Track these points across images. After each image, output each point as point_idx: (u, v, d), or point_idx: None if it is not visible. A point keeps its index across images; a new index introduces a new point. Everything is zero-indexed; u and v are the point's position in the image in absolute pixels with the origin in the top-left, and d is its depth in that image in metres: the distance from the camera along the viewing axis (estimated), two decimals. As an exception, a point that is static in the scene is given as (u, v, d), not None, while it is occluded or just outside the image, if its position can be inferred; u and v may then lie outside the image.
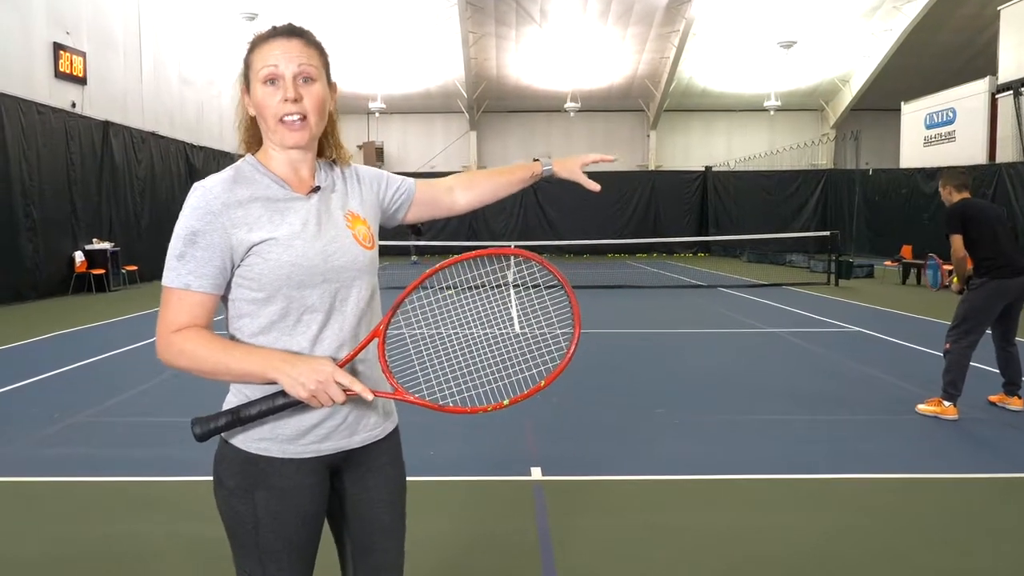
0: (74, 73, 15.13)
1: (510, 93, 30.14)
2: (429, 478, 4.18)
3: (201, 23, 20.90)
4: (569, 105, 28.96)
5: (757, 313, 11.29)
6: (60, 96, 14.74)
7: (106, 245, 15.38)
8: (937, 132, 22.34)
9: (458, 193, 1.88)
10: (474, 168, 30.59)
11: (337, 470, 1.63)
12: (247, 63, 1.56)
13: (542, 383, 1.62)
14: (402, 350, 1.98)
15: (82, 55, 15.41)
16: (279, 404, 1.46)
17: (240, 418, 1.47)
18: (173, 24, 19.45)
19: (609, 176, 29.45)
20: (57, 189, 14.28)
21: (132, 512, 3.81)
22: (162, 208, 17.82)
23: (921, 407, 5.50)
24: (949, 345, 5.43)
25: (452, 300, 2.04)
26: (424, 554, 3.21)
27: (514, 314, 1.99)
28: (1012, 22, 18.83)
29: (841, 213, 26.59)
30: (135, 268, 16.40)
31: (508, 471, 4.35)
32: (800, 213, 28.28)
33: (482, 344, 1.95)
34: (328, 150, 1.66)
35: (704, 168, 29.95)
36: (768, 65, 27.71)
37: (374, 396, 1.49)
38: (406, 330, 1.83)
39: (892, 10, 24.40)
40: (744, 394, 6.16)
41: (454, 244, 24.87)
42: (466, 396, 1.76)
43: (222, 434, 1.56)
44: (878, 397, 6.03)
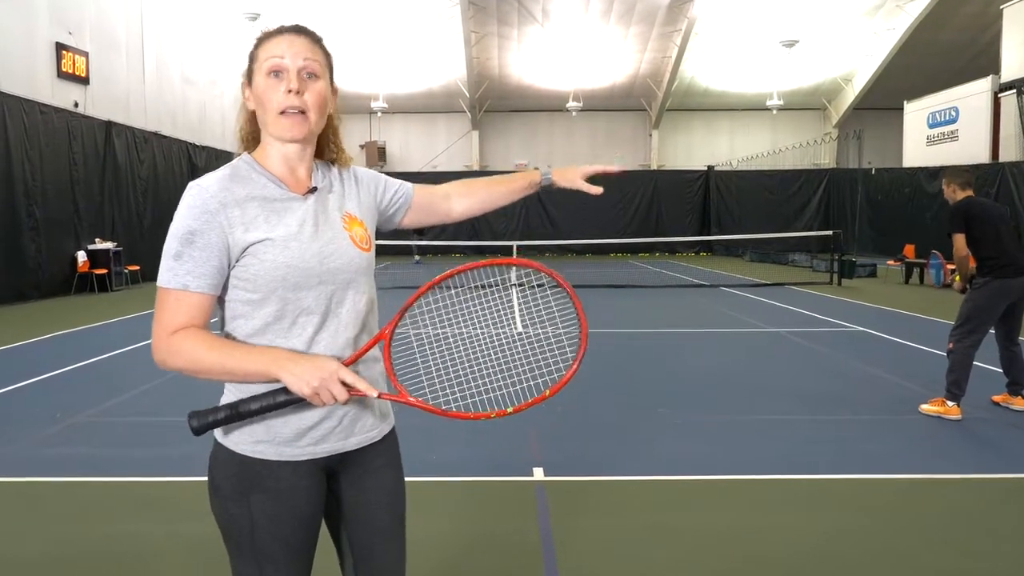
0: (76, 73, 15.15)
1: (512, 93, 30.12)
2: (431, 479, 4.17)
3: (203, 23, 20.92)
4: (571, 105, 28.94)
5: (759, 313, 11.27)
6: (63, 96, 14.75)
7: (108, 245, 15.40)
8: (940, 131, 22.29)
9: (455, 200, 1.87)
10: (476, 167, 30.60)
11: (333, 473, 1.62)
12: (252, 56, 1.55)
13: (547, 392, 1.60)
14: (405, 352, 1.97)
15: (84, 55, 15.42)
16: (280, 401, 1.44)
17: (239, 413, 1.44)
18: (175, 24, 19.46)
19: (610, 176, 29.36)
20: (60, 189, 14.29)
21: (133, 512, 3.81)
22: (164, 208, 17.82)
23: (924, 407, 5.48)
24: (952, 345, 5.42)
25: (456, 302, 2.02)
26: (426, 555, 3.21)
27: (518, 318, 1.98)
28: (1015, 21, 18.77)
29: (844, 212, 26.54)
30: (137, 268, 16.40)
31: (510, 472, 4.34)
32: (803, 212, 28.22)
33: (486, 348, 1.93)
34: (327, 152, 1.66)
35: (706, 167, 29.91)
36: (770, 64, 27.67)
37: (377, 396, 1.48)
38: (411, 331, 1.81)
39: (895, 9, 24.35)
40: (746, 394, 6.14)
41: (456, 244, 24.88)
42: (470, 402, 1.74)
43: (217, 438, 1.55)
44: (881, 397, 6.01)
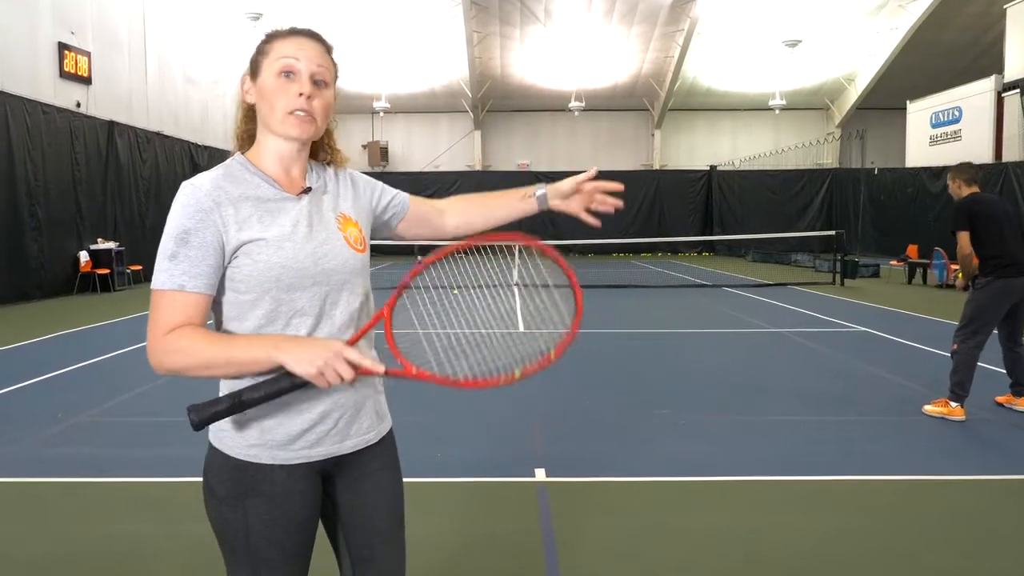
0: (79, 73, 15.16)
1: (514, 92, 30.11)
2: (433, 479, 4.17)
3: (206, 23, 20.93)
4: (573, 104, 28.93)
5: (762, 313, 11.25)
6: (65, 96, 14.77)
7: (111, 245, 15.41)
8: (943, 131, 22.25)
9: (448, 216, 1.84)
10: (478, 167, 30.61)
11: (329, 476, 1.60)
12: (261, 51, 1.54)
13: (552, 354, 1.58)
14: (408, 330, 1.90)
15: (87, 55, 15.43)
16: (284, 386, 1.41)
17: (242, 402, 1.41)
18: (178, 24, 19.48)
19: (613, 175, 29.23)
20: (62, 189, 14.30)
21: (133, 512, 3.80)
22: (167, 208, 16.81)
23: (928, 408, 5.46)
24: (957, 346, 5.39)
25: (455, 277, 1.96)
26: (427, 555, 3.20)
27: (517, 297, 1.94)
28: (1018, 21, 18.73)
29: (846, 212, 26.51)
30: (140, 268, 16.42)
31: (512, 472, 4.33)
32: (805, 212, 28.18)
33: (487, 319, 1.90)
34: (322, 153, 1.65)
35: (709, 167, 29.89)
36: (773, 64, 27.63)
37: (385, 373, 1.46)
38: (410, 307, 1.77)
39: (898, 8, 24.30)
40: (749, 394, 6.13)
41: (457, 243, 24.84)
42: (477, 371, 1.65)
43: (211, 441, 1.53)
44: (884, 397, 5.99)
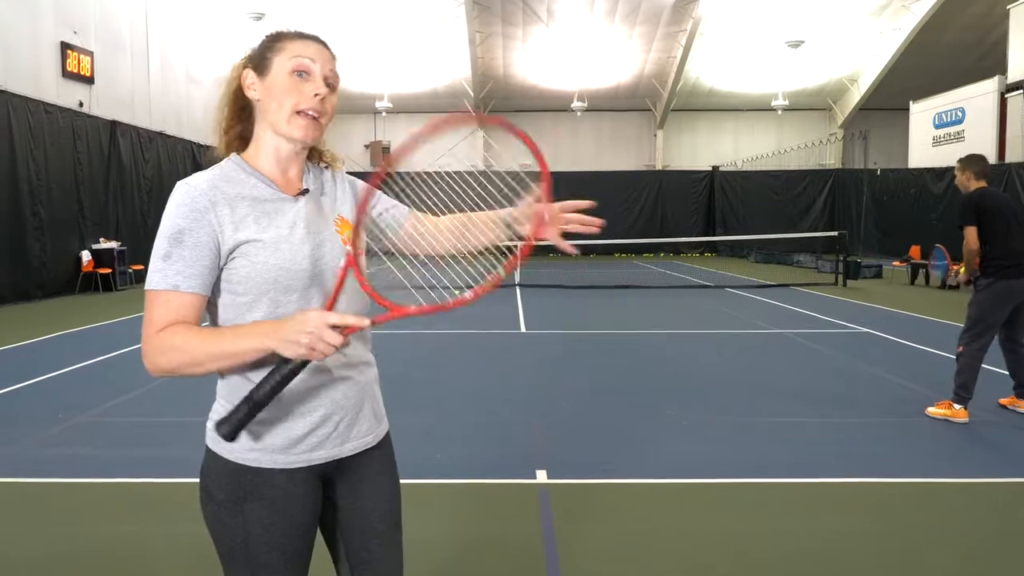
0: (81, 73, 15.16)
1: (517, 92, 30.11)
2: (433, 481, 4.15)
3: (208, 23, 20.94)
4: (576, 105, 28.92)
5: (764, 314, 11.22)
6: (68, 96, 14.77)
7: (113, 244, 15.42)
8: (946, 132, 22.21)
9: (442, 235, 1.72)
10: (480, 167, 30.49)
11: (329, 480, 1.59)
12: (272, 48, 1.51)
13: (528, 238, 1.45)
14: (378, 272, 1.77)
15: (90, 55, 15.43)
16: (285, 373, 1.38)
17: (257, 402, 1.40)
18: (180, 24, 19.49)
19: (615, 176, 29.40)
20: (64, 188, 14.31)
21: (134, 513, 3.79)
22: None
23: (931, 410, 5.44)
24: (962, 348, 5.35)
25: (417, 195, 1.84)
26: (427, 557, 3.19)
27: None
28: (1022, 21, 18.71)
29: (849, 213, 26.48)
30: (141, 267, 16.41)
31: (513, 474, 4.31)
32: (808, 213, 28.15)
33: (458, 236, 1.72)
34: (314, 156, 1.64)
35: (711, 168, 29.86)
36: (776, 64, 27.60)
37: (372, 323, 1.39)
38: (378, 248, 1.67)
39: (901, 9, 24.26)
40: (751, 395, 6.11)
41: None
42: (456, 292, 1.50)
43: (209, 446, 1.53)
44: (887, 399, 5.97)
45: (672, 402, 5.91)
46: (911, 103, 24.31)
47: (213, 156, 1.58)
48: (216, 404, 1.54)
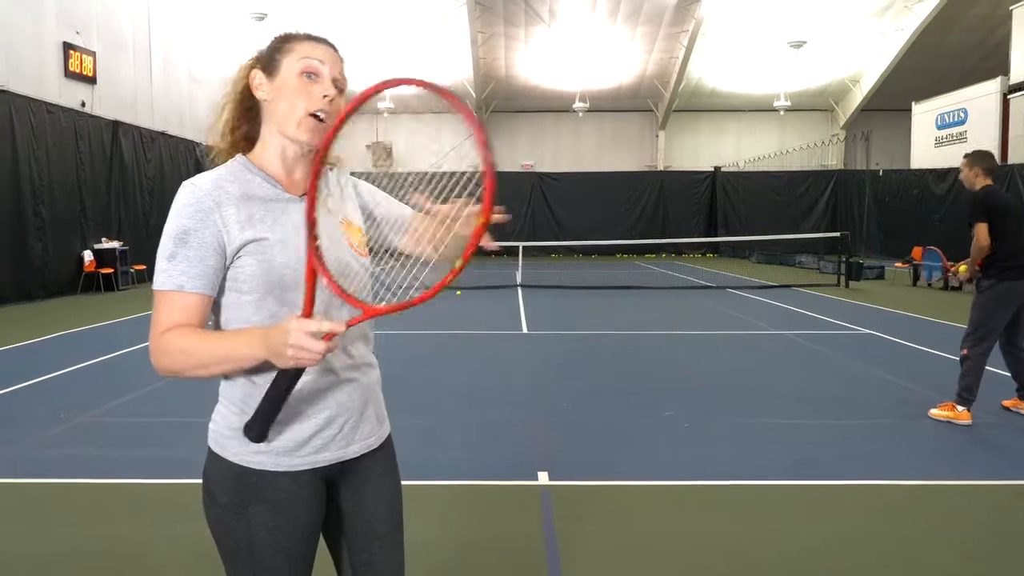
0: (84, 72, 15.18)
1: (519, 93, 30.08)
2: (434, 482, 4.15)
3: (210, 22, 20.96)
4: (578, 105, 28.90)
5: (766, 315, 11.21)
6: (70, 95, 14.79)
7: (115, 244, 15.42)
8: (948, 132, 22.17)
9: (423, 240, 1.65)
10: (482, 167, 30.49)
11: (332, 482, 1.59)
12: (281, 48, 1.51)
13: (483, 215, 1.39)
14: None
15: (92, 55, 15.45)
16: (289, 377, 1.38)
17: (272, 403, 1.40)
18: (182, 24, 19.50)
19: (617, 176, 29.40)
20: (66, 188, 14.32)
21: (135, 513, 3.79)
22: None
23: (934, 412, 5.42)
24: (966, 351, 5.33)
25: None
26: (428, 559, 3.18)
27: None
28: (1025, 22, 18.68)
29: (851, 214, 26.44)
30: (143, 267, 16.43)
31: (514, 476, 4.30)
32: (810, 214, 28.11)
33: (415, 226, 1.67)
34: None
35: (713, 168, 29.84)
36: (778, 65, 27.56)
37: (348, 326, 1.35)
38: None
39: (903, 10, 24.22)
40: (753, 397, 6.10)
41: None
42: (429, 279, 1.47)
43: (212, 448, 1.52)
44: (889, 401, 5.96)
45: (673, 403, 5.90)
46: (913, 104, 24.27)
47: (210, 155, 1.57)
48: (218, 406, 1.53)
